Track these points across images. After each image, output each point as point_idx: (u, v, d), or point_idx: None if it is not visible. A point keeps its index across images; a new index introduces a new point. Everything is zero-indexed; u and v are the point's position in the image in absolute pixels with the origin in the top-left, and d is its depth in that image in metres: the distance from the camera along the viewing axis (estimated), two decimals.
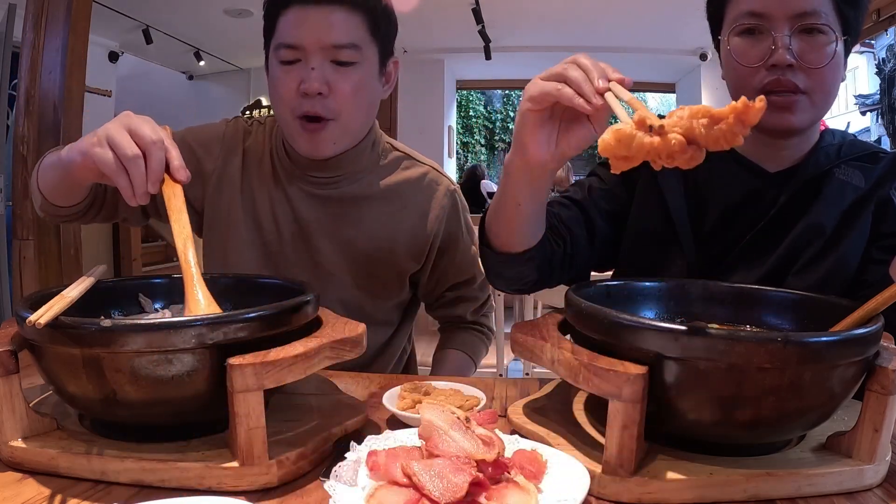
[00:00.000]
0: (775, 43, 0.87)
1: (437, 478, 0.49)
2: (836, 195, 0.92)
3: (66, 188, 0.92)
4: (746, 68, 0.90)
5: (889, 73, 6.05)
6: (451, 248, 1.19)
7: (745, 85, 0.91)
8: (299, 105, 1.00)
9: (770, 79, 0.88)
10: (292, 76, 1.00)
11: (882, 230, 0.92)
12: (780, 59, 0.86)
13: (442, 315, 1.30)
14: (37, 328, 0.55)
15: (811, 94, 0.88)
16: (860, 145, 0.98)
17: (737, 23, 0.91)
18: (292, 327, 0.66)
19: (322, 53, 0.99)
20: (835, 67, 0.89)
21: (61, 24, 2.35)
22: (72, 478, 0.60)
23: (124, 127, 0.72)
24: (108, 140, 0.71)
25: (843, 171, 0.94)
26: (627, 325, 0.58)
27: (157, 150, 0.72)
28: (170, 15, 5.24)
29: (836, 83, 0.91)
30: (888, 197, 0.92)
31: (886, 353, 0.60)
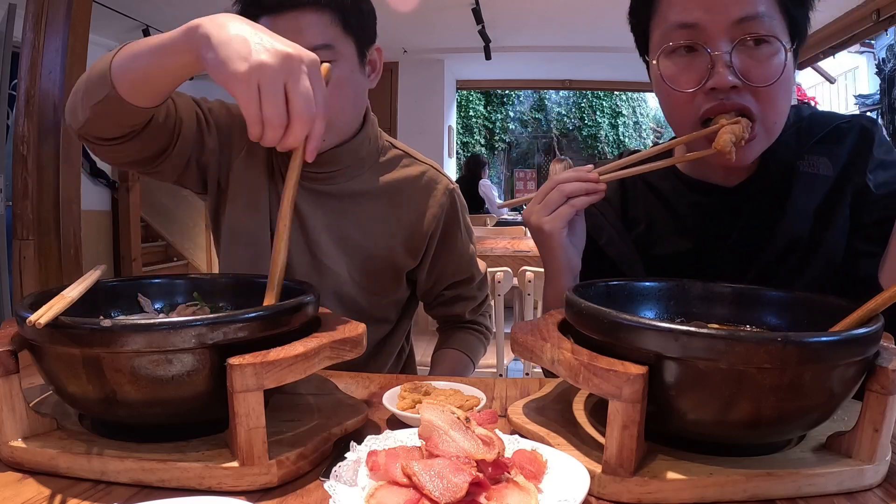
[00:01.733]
0: (713, 62, 0.75)
1: (437, 478, 0.49)
2: (806, 193, 0.85)
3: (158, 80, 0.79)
4: (681, 94, 0.78)
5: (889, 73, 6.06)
6: (450, 246, 1.19)
7: (682, 115, 0.81)
8: None
9: (711, 104, 0.76)
10: None
11: (864, 220, 0.86)
12: (720, 82, 0.74)
13: (440, 314, 1.30)
14: (37, 328, 0.55)
15: (763, 118, 0.77)
16: (820, 122, 0.88)
17: (666, 40, 0.79)
18: (292, 327, 0.66)
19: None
20: (786, 83, 0.77)
21: (61, 24, 2.35)
22: (72, 478, 0.60)
23: (283, 79, 0.65)
24: (259, 85, 0.64)
25: (807, 162, 0.86)
26: (627, 325, 0.58)
27: (301, 128, 0.66)
28: (170, 15, 5.22)
29: (788, 98, 0.80)
30: (865, 185, 0.85)
31: (886, 353, 0.60)
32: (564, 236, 0.83)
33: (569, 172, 0.82)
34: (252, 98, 0.64)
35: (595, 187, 0.80)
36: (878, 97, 6.59)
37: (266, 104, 0.64)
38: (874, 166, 0.86)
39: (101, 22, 3.91)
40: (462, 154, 11.82)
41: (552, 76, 7.92)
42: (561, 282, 0.87)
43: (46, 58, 2.35)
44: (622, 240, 0.95)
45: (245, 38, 0.66)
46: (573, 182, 0.80)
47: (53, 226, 2.43)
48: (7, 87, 3.04)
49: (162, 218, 6.10)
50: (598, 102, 12.67)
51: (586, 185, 0.80)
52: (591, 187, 0.80)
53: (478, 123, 12.52)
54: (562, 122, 12.82)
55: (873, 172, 0.86)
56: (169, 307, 0.82)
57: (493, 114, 12.73)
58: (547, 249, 0.85)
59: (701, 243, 0.91)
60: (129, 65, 0.78)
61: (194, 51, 0.69)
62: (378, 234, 1.13)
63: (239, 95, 0.65)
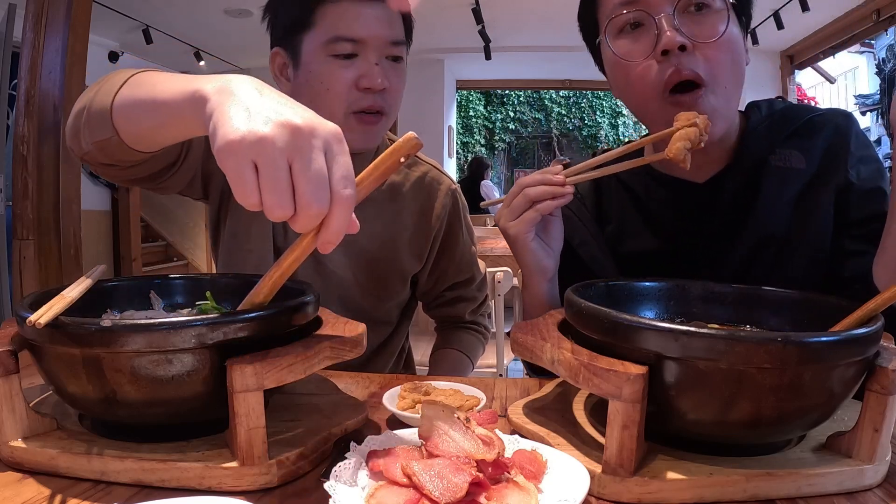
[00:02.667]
0: (660, 27, 0.78)
1: (437, 478, 0.49)
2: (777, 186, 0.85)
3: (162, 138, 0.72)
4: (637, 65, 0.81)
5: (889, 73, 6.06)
6: (452, 247, 1.19)
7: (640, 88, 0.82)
8: (358, 100, 0.99)
9: (668, 71, 0.78)
10: (349, 71, 0.98)
11: (851, 218, 0.85)
12: (669, 42, 0.76)
13: (440, 315, 1.30)
14: (37, 328, 0.55)
15: (714, 82, 0.79)
16: (793, 115, 0.88)
17: (612, 17, 0.82)
18: (292, 327, 0.66)
19: (381, 49, 0.99)
20: (732, 42, 0.79)
21: (61, 24, 2.35)
22: (72, 478, 0.60)
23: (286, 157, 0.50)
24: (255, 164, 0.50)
25: (778, 156, 0.86)
26: (627, 325, 0.58)
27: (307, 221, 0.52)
28: (170, 15, 5.24)
29: (738, 63, 0.81)
30: (847, 180, 0.84)
31: (886, 353, 0.59)
32: (531, 240, 0.83)
33: (535, 175, 0.82)
34: (246, 181, 0.50)
35: (561, 191, 0.80)
36: (878, 97, 6.59)
37: (265, 191, 0.50)
38: (854, 161, 0.86)
39: (101, 22, 3.91)
40: (462, 154, 11.81)
41: (552, 76, 7.93)
42: (534, 284, 0.88)
43: (46, 58, 2.35)
44: (595, 241, 0.95)
45: (248, 105, 0.53)
46: (538, 186, 0.80)
47: (53, 226, 2.43)
48: (7, 87, 3.04)
49: (162, 218, 6.10)
50: (598, 102, 12.68)
51: (552, 189, 0.80)
52: (557, 191, 0.80)
53: (478, 123, 12.53)
54: (562, 122, 12.83)
55: (854, 168, 0.86)
56: (180, 306, 0.82)
57: (493, 114, 12.73)
58: (516, 252, 0.86)
59: (672, 240, 0.91)
60: (132, 115, 0.70)
61: (198, 120, 0.58)
62: (383, 237, 1.12)
63: (230, 176, 0.51)
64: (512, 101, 12.76)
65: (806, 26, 5.47)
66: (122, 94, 0.70)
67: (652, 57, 0.80)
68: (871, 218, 0.84)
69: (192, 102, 0.59)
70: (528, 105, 12.86)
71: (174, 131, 0.68)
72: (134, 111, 0.70)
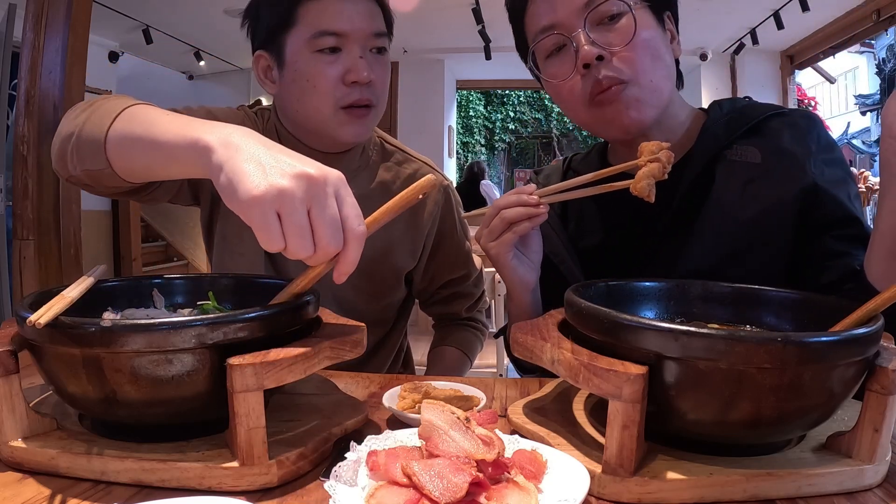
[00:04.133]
0: (577, 43, 0.83)
1: (437, 478, 0.49)
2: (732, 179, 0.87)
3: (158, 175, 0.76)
4: (565, 84, 0.86)
5: (889, 73, 6.06)
6: (445, 243, 1.19)
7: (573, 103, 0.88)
8: (346, 95, 1.00)
9: (591, 85, 0.84)
10: (334, 66, 0.99)
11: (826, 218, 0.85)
12: (586, 56, 0.82)
13: (436, 312, 1.30)
14: (37, 328, 0.55)
15: (634, 80, 0.83)
16: (751, 113, 0.91)
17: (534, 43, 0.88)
18: (292, 327, 0.66)
19: (365, 41, 1.01)
20: (646, 41, 0.84)
21: (61, 24, 2.35)
22: (72, 478, 0.60)
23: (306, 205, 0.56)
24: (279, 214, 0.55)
25: (734, 150, 0.88)
26: (627, 325, 0.58)
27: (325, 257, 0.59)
28: (170, 15, 5.24)
29: (657, 57, 0.85)
30: (812, 182, 0.86)
31: (886, 353, 0.60)
32: (511, 258, 0.87)
33: (510, 197, 0.84)
34: (272, 229, 0.56)
35: (535, 212, 0.83)
36: (878, 97, 6.59)
37: (290, 236, 0.56)
38: (817, 163, 0.87)
39: (101, 22, 3.91)
40: (462, 154, 11.82)
41: None
42: (517, 296, 0.92)
43: (46, 58, 2.35)
44: (557, 235, 0.99)
45: (260, 160, 0.58)
46: (514, 209, 0.83)
47: (53, 226, 2.43)
48: (7, 87, 3.04)
49: (162, 218, 6.10)
50: None
51: (527, 211, 0.83)
52: (532, 212, 0.83)
53: (478, 123, 12.53)
54: (562, 122, 12.83)
55: (818, 168, 0.87)
56: (181, 306, 0.82)
57: (493, 114, 12.73)
58: (498, 269, 0.90)
59: (629, 235, 0.93)
60: (127, 151, 0.72)
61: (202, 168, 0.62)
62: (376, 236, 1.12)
63: (256, 226, 0.56)
64: (512, 101, 12.76)
65: (806, 26, 5.47)
66: (116, 127, 0.72)
67: (576, 72, 0.85)
68: (849, 220, 0.86)
69: (195, 151, 0.62)
70: (528, 105, 12.86)
71: (171, 171, 0.70)
72: (130, 149, 0.71)
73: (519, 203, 0.83)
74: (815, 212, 0.86)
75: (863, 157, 8.47)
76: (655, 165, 0.78)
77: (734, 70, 6.52)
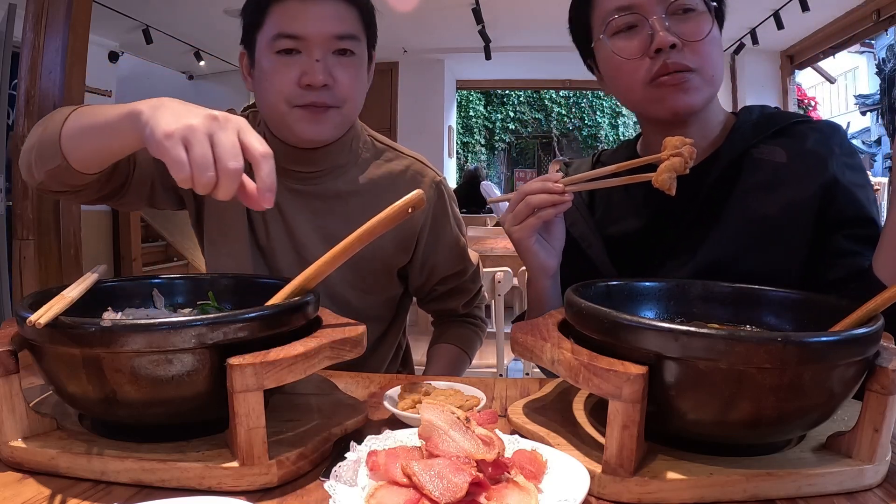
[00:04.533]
0: (653, 28, 0.87)
1: (437, 478, 0.49)
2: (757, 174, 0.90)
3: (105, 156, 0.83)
4: (631, 62, 0.90)
5: (889, 73, 6.06)
6: (440, 240, 1.18)
7: (633, 81, 0.91)
8: (299, 97, 1.00)
9: (658, 65, 0.87)
10: (291, 68, 0.99)
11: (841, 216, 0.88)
12: (662, 41, 0.86)
13: (434, 309, 1.30)
14: (37, 328, 0.55)
15: (700, 70, 0.88)
16: (779, 118, 0.95)
17: (608, 21, 0.90)
18: (292, 327, 0.66)
19: (326, 44, 1.00)
20: (715, 42, 0.89)
21: (61, 24, 2.35)
22: (72, 478, 0.60)
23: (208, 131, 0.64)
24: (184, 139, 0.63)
25: (761, 150, 0.92)
26: (627, 325, 0.58)
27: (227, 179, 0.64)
28: (170, 15, 5.24)
29: (720, 55, 0.91)
30: (833, 178, 0.88)
31: (886, 353, 0.60)
32: (533, 242, 0.90)
33: (536, 183, 0.87)
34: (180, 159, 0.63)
35: (560, 199, 0.85)
36: (878, 97, 6.59)
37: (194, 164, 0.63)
38: (840, 164, 0.90)
39: (101, 22, 3.91)
40: (462, 154, 11.82)
41: (552, 76, 7.92)
42: (537, 282, 0.95)
43: (46, 58, 2.35)
44: (585, 221, 1.02)
45: (177, 110, 0.67)
46: (540, 195, 0.86)
47: (53, 226, 2.43)
48: (7, 87, 3.04)
49: (162, 218, 6.10)
50: (598, 102, 12.68)
51: (552, 198, 0.85)
52: (557, 199, 0.85)
53: (478, 123, 12.53)
54: (562, 122, 12.83)
55: (840, 169, 0.89)
56: (181, 306, 0.82)
57: (493, 114, 12.73)
58: (520, 253, 0.93)
59: (653, 224, 0.96)
60: (78, 141, 0.81)
61: (137, 133, 0.70)
62: None
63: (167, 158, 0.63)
64: (512, 101, 12.75)
65: (806, 26, 5.47)
66: (67, 125, 0.82)
67: (646, 55, 0.88)
68: (863, 221, 0.88)
69: (129, 119, 0.71)
70: (528, 105, 12.85)
71: (115, 147, 0.78)
72: (79, 138, 0.81)
73: (544, 190, 0.85)
74: (831, 209, 0.88)
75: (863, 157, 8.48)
76: (677, 160, 0.81)
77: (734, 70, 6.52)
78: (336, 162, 1.10)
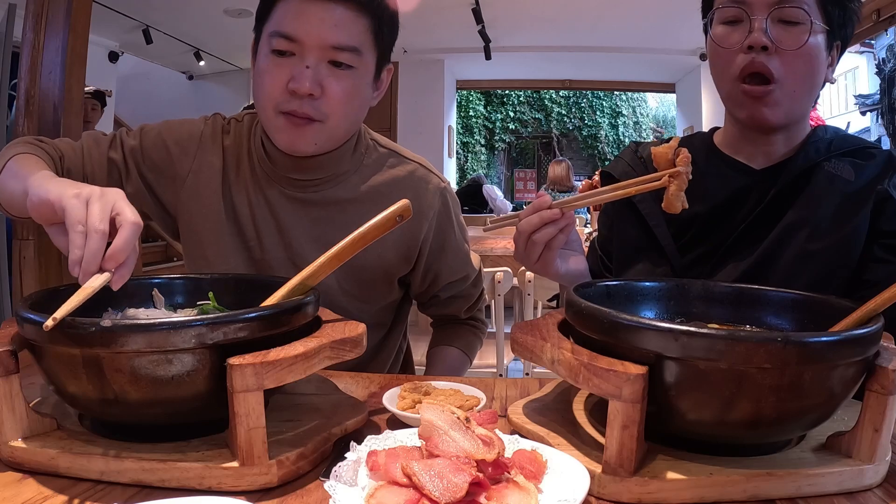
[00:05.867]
0: (752, 26, 0.89)
1: (437, 478, 0.49)
2: (825, 188, 0.92)
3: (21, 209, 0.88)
4: (726, 52, 0.92)
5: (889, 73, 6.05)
6: (444, 249, 1.15)
7: (724, 71, 0.94)
8: (285, 101, 0.95)
9: (746, 61, 0.90)
10: (283, 70, 0.94)
11: (883, 227, 0.91)
12: (755, 40, 0.88)
13: (435, 314, 1.28)
14: (45, 329, 0.55)
15: (784, 82, 0.89)
16: (852, 140, 0.98)
17: (718, 7, 0.93)
18: (292, 327, 0.66)
19: (320, 52, 0.94)
20: (811, 56, 0.89)
21: (61, 24, 2.35)
22: (72, 478, 0.60)
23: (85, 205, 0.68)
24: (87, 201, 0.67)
25: (832, 164, 0.94)
26: (627, 325, 0.58)
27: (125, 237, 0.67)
28: (170, 15, 5.24)
29: (811, 74, 0.91)
30: (887, 193, 0.91)
31: (886, 353, 0.60)
32: (556, 268, 0.91)
33: (533, 219, 0.87)
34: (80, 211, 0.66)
35: (563, 221, 0.86)
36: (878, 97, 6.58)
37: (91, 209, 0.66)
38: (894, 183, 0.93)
39: (101, 22, 3.91)
40: (462, 154, 11.82)
41: (552, 76, 7.93)
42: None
43: (46, 58, 2.35)
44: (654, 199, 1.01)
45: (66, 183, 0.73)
46: (543, 230, 0.86)
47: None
48: (7, 87, 3.03)
49: None
50: (598, 102, 12.68)
51: (556, 227, 0.86)
52: (560, 224, 0.86)
53: (478, 123, 12.52)
54: (562, 122, 12.82)
55: (893, 187, 0.92)
56: (181, 306, 0.82)
57: (493, 114, 12.72)
58: (548, 278, 0.94)
59: (718, 212, 0.97)
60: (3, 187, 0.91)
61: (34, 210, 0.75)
62: None
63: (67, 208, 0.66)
64: (512, 101, 12.75)
65: None
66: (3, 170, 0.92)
67: (740, 49, 0.90)
68: None
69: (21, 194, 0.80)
70: (528, 105, 12.85)
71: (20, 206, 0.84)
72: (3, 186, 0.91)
73: (543, 222, 0.86)
74: (878, 221, 0.91)
75: None
76: (678, 181, 0.83)
77: None
78: (337, 170, 1.06)
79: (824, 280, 0.89)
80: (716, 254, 0.95)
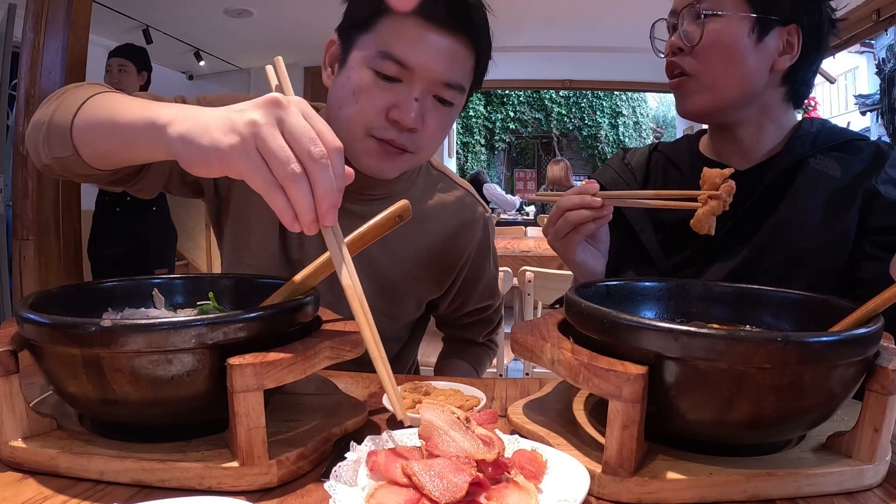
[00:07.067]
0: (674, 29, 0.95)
1: (437, 478, 0.49)
2: (810, 186, 0.92)
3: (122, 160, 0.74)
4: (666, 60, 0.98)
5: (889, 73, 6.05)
6: (477, 278, 1.16)
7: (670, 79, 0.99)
8: (382, 129, 0.90)
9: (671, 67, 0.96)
10: (386, 94, 0.88)
11: (872, 224, 0.90)
12: (672, 44, 0.95)
13: (452, 334, 1.29)
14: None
15: (701, 75, 0.92)
16: (839, 133, 0.97)
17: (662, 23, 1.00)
18: (292, 327, 0.66)
19: (430, 85, 0.90)
20: (722, 45, 0.90)
21: (61, 24, 2.35)
22: (72, 478, 0.60)
23: (277, 125, 0.55)
24: (256, 142, 0.54)
25: (818, 160, 0.94)
26: (627, 325, 0.58)
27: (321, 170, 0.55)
28: (170, 15, 5.23)
29: (729, 63, 0.91)
30: (874, 189, 0.90)
31: (886, 353, 0.60)
32: (578, 254, 0.92)
33: (574, 198, 0.87)
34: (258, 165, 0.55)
35: (601, 213, 0.86)
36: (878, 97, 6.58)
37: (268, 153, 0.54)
38: (885, 179, 0.92)
39: (101, 22, 3.91)
40: (462, 154, 11.81)
41: (552, 76, 7.92)
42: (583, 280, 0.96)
43: (46, 58, 2.35)
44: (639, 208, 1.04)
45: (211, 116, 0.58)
46: (579, 211, 0.86)
47: (53, 226, 2.43)
48: (7, 87, 3.04)
49: None
50: (598, 102, 12.69)
51: (592, 213, 0.86)
52: (597, 214, 0.86)
53: (478, 123, 12.53)
54: (562, 122, 12.83)
55: (884, 183, 0.92)
56: (181, 306, 0.82)
57: (493, 114, 12.73)
58: (566, 264, 0.95)
59: None
60: (91, 136, 0.72)
61: (160, 145, 0.61)
62: (406, 261, 1.07)
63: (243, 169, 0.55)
64: (512, 101, 12.75)
65: None
66: (82, 115, 0.72)
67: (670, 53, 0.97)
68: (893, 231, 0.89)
69: (151, 131, 0.62)
70: (528, 105, 12.85)
71: (133, 155, 0.70)
72: (93, 133, 0.71)
73: (583, 205, 0.86)
74: (867, 218, 0.91)
75: None
76: (715, 203, 0.82)
77: None
78: (392, 190, 1.04)
79: (817, 280, 0.89)
80: (702, 256, 0.95)
